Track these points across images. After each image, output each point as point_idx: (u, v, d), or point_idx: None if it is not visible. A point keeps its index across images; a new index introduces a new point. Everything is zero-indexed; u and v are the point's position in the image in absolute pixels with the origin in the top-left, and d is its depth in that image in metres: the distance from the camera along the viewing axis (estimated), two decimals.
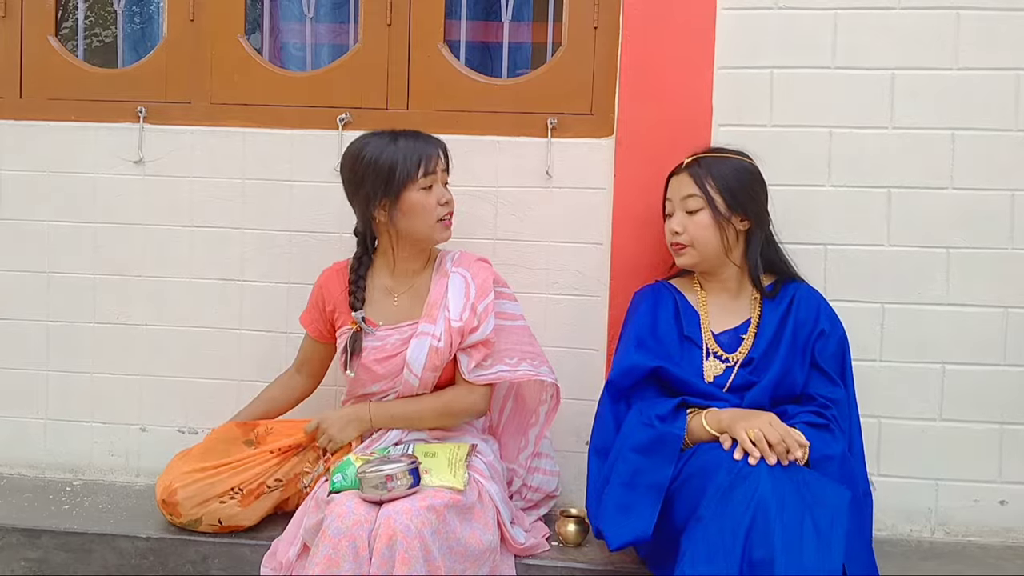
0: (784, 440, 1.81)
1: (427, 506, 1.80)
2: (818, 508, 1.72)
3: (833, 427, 1.95)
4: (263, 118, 2.48)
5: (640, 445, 1.92)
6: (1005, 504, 2.31)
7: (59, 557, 2.17)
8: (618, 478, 1.93)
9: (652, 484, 1.88)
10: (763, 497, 1.72)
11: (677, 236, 2.09)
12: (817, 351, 2.04)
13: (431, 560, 1.77)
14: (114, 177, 2.51)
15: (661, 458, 1.90)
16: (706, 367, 2.06)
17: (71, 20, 2.76)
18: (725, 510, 1.74)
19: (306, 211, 2.46)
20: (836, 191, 2.31)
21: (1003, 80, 2.26)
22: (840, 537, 1.70)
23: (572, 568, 2.07)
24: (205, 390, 2.51)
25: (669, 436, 1.91)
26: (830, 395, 2.00)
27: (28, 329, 2.55)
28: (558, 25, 2.51)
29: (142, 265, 2.51)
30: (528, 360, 2.14)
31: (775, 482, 1.74)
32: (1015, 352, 2.29)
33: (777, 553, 1.66)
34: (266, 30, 2.68)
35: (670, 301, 2.14)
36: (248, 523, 2.13)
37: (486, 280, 2.12)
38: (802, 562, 1.66)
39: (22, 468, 2.57)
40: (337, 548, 1.77)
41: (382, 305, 2.17)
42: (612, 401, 2.05)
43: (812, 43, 2.30)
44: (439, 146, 2.12)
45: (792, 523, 1.69)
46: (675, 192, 2.12)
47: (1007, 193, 2.27)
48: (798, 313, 2.06)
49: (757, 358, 2.04)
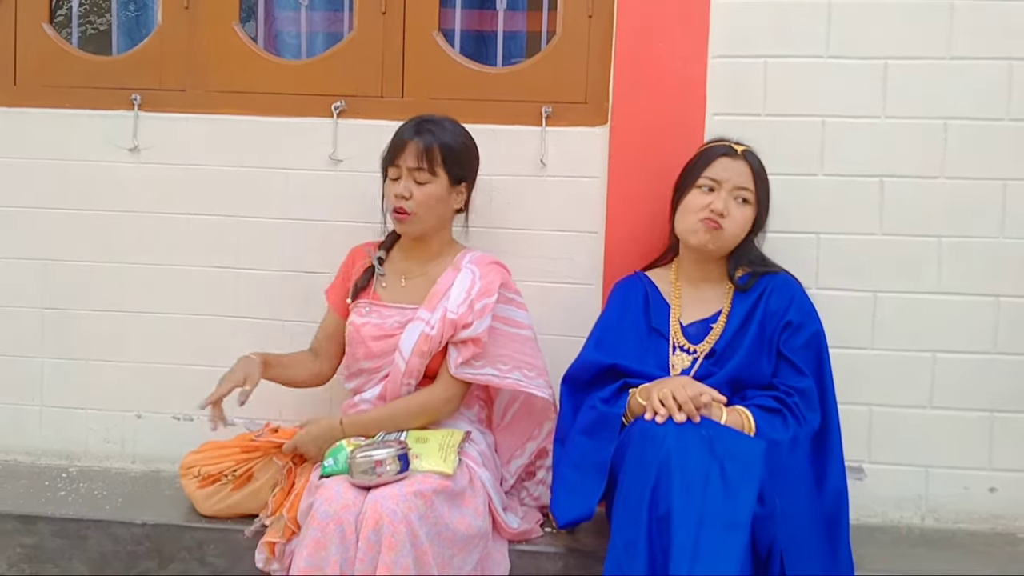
0: (693, 399, 1.82)
1: (414, 491, 1.81)
2: (728, 460, 1.74)
3: (787, 413, 1.95)
4: (258, 106, 2.47)
5: (585, 427, 2.01)
6: (995, 491, 2.32)
7: (55, 543, 2.18)
8: (568, 460, 2.02)
9: (596, 463, 1.95)
10: (666, 454, 1.75)
11: (720, 218, 2.03)
12: (783, 342, 2.03)
13: (418, 545, 1.78)
14: (109, 164, 2.51)
15: (603, 438, 1.96)
16: (673, 361, 2.07)
17: (65, 7, 2.75)
18: (637, 473, 1.79)
19: (301, 199, 2.46)
20: (829, 180, 2.31)
21: (996, 69, 2.27)
22: (750, 485, 1.71)
23: (565, 553, 2.09)
24: (200, 377, 2.49)
25: (610, 416, 1.97)
26: (795, 384, 1.99)
27: (23, 316, 2.55)
28: (553, 14, 2.51)
29: (137, 252, 2.51)
30: (522, 370, 2.11)
31: (680, 438, 1.77)
32: (1006, 341, 2.30)
33: (675, 505, 1.69)
34: (261, 18, 2.68)
35: (641, 294, 2.15)
36: (200, 506, 2.16)
37: (492, 281, 2.10)
38: (703, 513, 1.68)
39: (18, 454, 2.58)
40: (324, 531, 1.79)
41: (392, 284, 2.19)
42: (570, 394, 2.12)
43: (806, 32, 2.30)
44: (422, 142, 2.07)
45: (694, 476, 1.72)
46: (729, 175, 2.05)
47: (999, 182, 2.28)
48: (768, 304, 2.06)
49: (720, 350, 2.05)
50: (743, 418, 1.90)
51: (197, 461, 2.17)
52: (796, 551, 1.81)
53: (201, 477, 2.13)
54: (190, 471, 2.17)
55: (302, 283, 2.45)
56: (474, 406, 2.21)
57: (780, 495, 1.80)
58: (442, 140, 2.09)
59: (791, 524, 1.81)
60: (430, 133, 2.09)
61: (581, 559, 2.08)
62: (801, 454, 1.92)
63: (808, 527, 1.87)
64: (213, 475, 2.13)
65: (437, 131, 2.10)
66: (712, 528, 1.67)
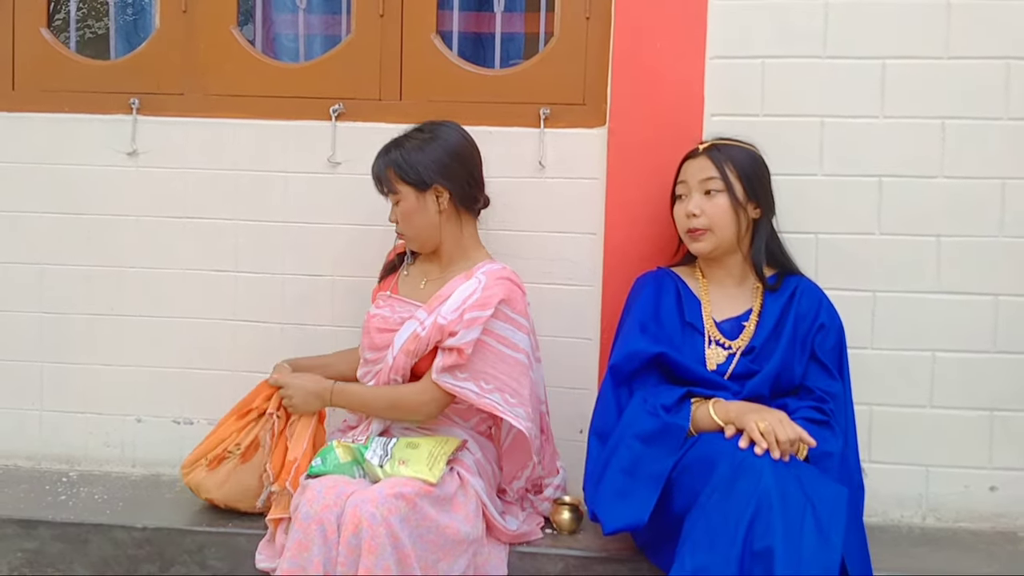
0: (793, 442, 1.82)
1: (395, 493, 1.81)
2: (819, 503, 1.73)
3: (832, 423, 1.96)
4: (256, 109, 2.48)
5: (644, 434, 1.93)
6: (995, 490, 2.33)
7: (55, 548, 2.18)
8: (618, 464, 1.93)
9: (653, 473, 1.89)
10: (766, 489, 1.72)
11: (694, 220, 2.05)
12: (817, 344, 2.04)
13: (400, 548, 1.77)
14: (107, 169, 2.51)
15: (664, 448, 1.91)
16: (708, 354, 2.06)
17: (63, 12, 2.75)
18: (728, 500, 1.74)
19: (300, 202, 2.46)
20: (827, 180, 2.32)
21: (993, 69, 2.27)
22: (839, 533, 1.71)
23: (566, 555, 2.08)
24: (200, 381, 2.51)
25: (674, 427, 1.92)
26: (828, 388, 2.00)
27: (22, 321, 2.55)
28: (550, 15, 2.51)
29: (136, 256, 2.51)
30: (503, 393, 2.02)
31: (778, 475, 1.75)
32: (1005, 340, 2.30)
33: (778, 544, 1.67)
34: (259, 21, 2.68)
35: (672, 287, 2.13)
36: (214, 494, 2.15)
37: (492, 296, 2.03)
38: (801, 555, 1.67)
39: (18, 459, 2.58)
40: (307, 532, 1.80)
41: (413, 282, 2.19)
42: (615, 385, 2.04)
43: (803, 33, 2.30)
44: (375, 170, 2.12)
45: (793, 516, 1.70)
46: (692, 175, 2.08)
47: (997, 182, 2.28)
48: (800, 306, 2.06)
49: (758, 347, 2.04)
50: None
51: (197, 455, 2.16)
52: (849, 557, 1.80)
53: (208, 460, 2.13)
54: (195, 465, 2.16)
55: (301, 286, 2.45)
56: (472, 418, 2.17)
57: None
58: (390, 159, 2.10)
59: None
60: (382, 157, 2.12)
61: (582, 561, 2.08)
62: (848, 462, 1.94)
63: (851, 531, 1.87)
64: (219, 455, 2.13)
65: (392, 151, 2.10)
66: (811, 570, 1.66)
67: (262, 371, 2.37)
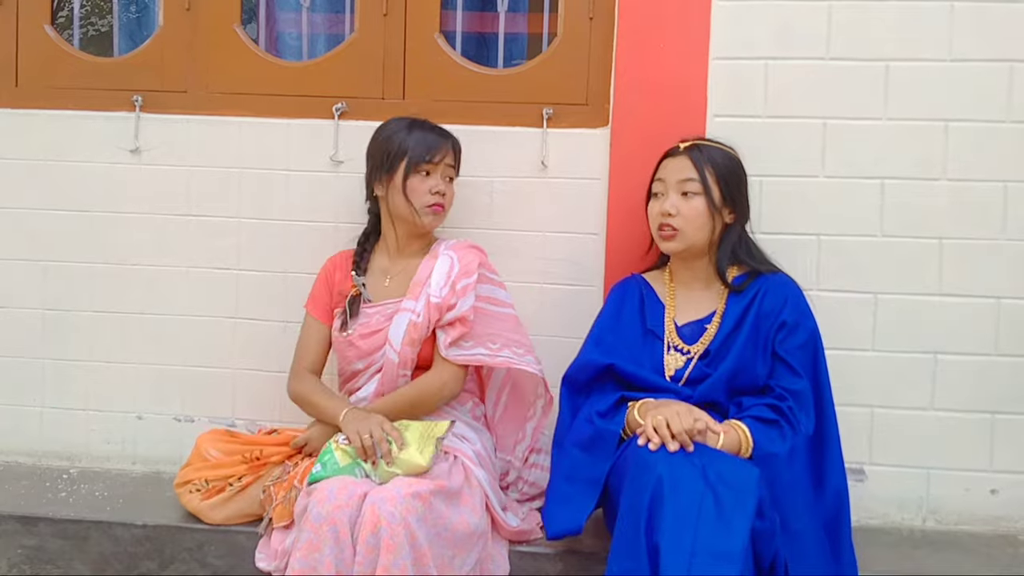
0: (688, 429, 1.79)
1: (412, 493, 1.81)
2: (722, 487, 1.70)
3: (783, 423, 1.92)
4: (259, 107, 2.48)
5: (581, 441, 1.99)
6: (996, 493, 2.32)
7: (55, 544, 2.18)
8: (561, 471, 2.01)
9: (589, 478, 1.94)
10: (658, 482, 1.71)
11: (669, 218, 2.05)
12: (778, 342, 2.00)
13: (417, 547, 1.78)
14: (110, 166, 2.51)
15: (599, 454, 1.95)
16: (667, 360, 2.06)
17: (67, 9, 2.75)
18: (632, 501, 1.75)
19: (302, 200, 2.47)
20: (830, 182, 2.31)
21: (996, 71, 2.27)
22: (746, 516, 1.68)
23: (565, 554, 2.08)
24: (201, 378, 2.52)
25: (606, 433, 1.95)
26: (789, 387, 1.97)
27: (24, 317, 2.56)
28: (554, 15, 2.52)
29: (138, 254, 2.52)
30: (511, 348, 2.13)
31: (671, 466, 1.74)
32: (1007, 342, 2.30)
33: (664, 538, 1.65)
34: (262, 19, 2.68)
35: (636, 295, 2.15)
36: (209, 519, 2.13)
37: (471, 262, 2.14)
38: (696, 543, 1.64)
39: (19, 456, 2.58)
40: (318, 533, 1.79)
41: (374, 284, 2.20)
42: (569, 395, 2.10)
43: (806, 34, 2.30)
44: (451, 142, 2.18)
45: (687, 505, 1.68)
46: (671, 174, 2.08)
47: (1000, 184, 2.28)
48: (761, 305, 2.03)
49: (714, 350, 2.03)
50: (740, 434, 1.88)
51: (192, 475, 2.15)
52: (799, 559, 1.81)
53: (205, 489, 2.12)
54: (187, 485, 2.14)
55: (304, 284, 2.44)
56: (467, 402, 2.22)
57: (780, 507, 1.80)
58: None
59: (793, 533, 1.82)
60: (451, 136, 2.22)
61: (581, 560, 2.08)
62: (799, 463, 1.91)
63: (809, 533, 1.86)
64: (218, 486, 2.12)
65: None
66: (704, 560, 1.63)
67: (263, 369, 2.39)
